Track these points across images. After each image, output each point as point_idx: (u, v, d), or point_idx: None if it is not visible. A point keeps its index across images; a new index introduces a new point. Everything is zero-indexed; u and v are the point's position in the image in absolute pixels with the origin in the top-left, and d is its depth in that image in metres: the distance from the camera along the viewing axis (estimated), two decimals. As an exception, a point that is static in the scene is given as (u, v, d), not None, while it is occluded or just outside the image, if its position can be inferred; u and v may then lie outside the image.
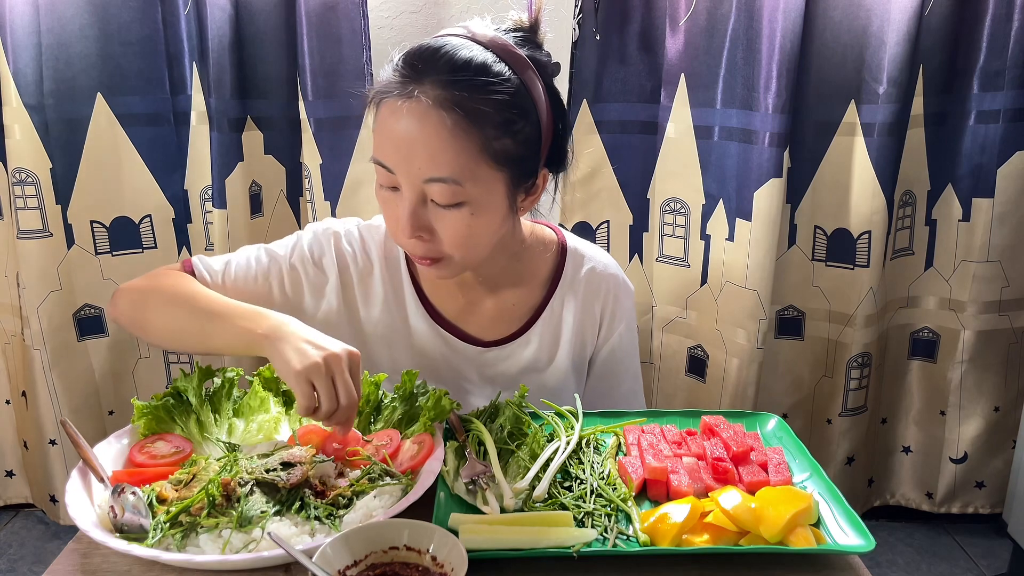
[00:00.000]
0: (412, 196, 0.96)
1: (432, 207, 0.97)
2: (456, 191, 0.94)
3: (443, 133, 0.92)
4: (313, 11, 1.71)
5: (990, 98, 1.76)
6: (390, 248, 1.15)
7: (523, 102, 0.96)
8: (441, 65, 0.93)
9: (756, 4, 1.64)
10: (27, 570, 1.93)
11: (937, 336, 1.95)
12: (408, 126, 0.93)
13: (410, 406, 0.99)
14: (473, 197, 0.95)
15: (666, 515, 0.81)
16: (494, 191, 0.98)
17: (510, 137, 0.96)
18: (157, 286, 1.05)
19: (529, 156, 1.00)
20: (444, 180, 0.94)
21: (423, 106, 0.92)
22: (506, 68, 0.95)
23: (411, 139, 0.93)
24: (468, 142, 0.93)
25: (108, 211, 1.87)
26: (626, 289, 1.22)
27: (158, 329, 1.04)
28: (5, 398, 2.05)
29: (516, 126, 0.96)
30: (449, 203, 0.95)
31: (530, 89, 0.97)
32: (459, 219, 0.96)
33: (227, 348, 0.97)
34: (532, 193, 1.05)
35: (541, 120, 0.99)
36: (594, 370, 1.23)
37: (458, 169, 0.93)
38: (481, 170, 0.95)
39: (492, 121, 0.93)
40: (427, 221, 0.97)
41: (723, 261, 1.81)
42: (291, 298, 1.11)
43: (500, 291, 1.16)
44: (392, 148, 0.95)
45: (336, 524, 0.81)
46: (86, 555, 0.82)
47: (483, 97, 0.93)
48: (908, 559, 1.97)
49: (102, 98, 1.80)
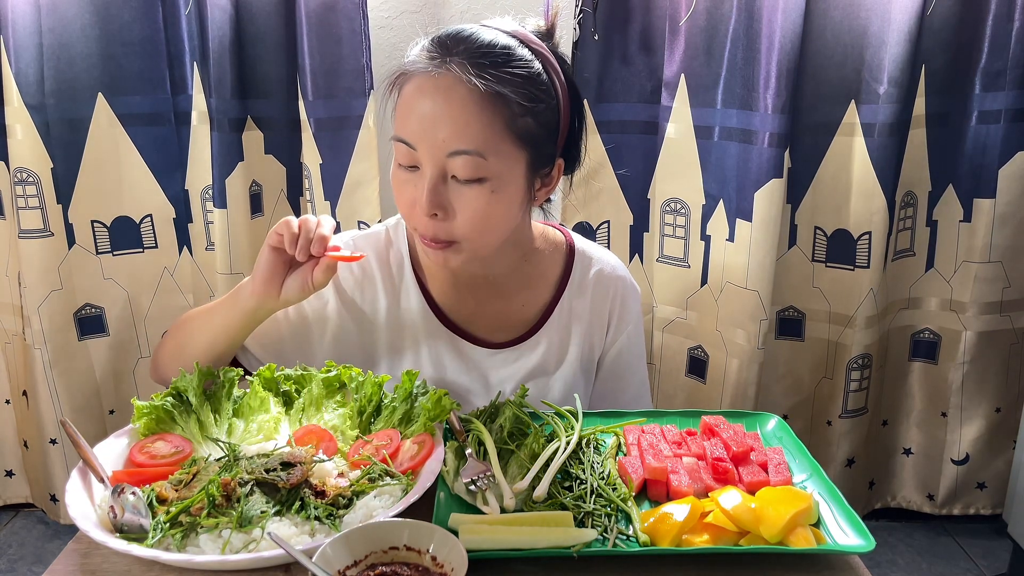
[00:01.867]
0: (434, 171, 0.96)
1: (452, 184, 0.97)
2: (479, 164, 0.95)
3: (470, 106, 0.93)
4: (313, 11, 1.71)
5: (991, 98, 1.75)
6: (393, 254, 1.15)
7: (544, 85, 0.98)
8: (469, 43, 0.96)
9: (756, 4, 1.64)
10: (27, 570, 1.93)
11: (938, 337, 1.95)
12: (435, 99, 0.94)
13: (410, 406, 0.99)
14: (495, 173, 0.96)
15: (666, 515, 0.81)
16: (514, 171, 0.98)
17: (532, 116, 0.97)
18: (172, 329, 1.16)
19: (548, 140, 1.01)
20: (469, 152, 0.94)
21: (451, 79, 0.94)
22: (528, 52, 0.98)
23: (437, 112, 0.94)
24: (495, 114, 0.94)
25: (109, 211, 1.88)
26: (633, 291, 1.22)
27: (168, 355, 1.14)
28: (5, 398, 2.05)
29: (539, 106, 0.97)
30: (471, 177, 0.95)
31: (550, 76, 0.99)
32: (479, 196, 0.96)
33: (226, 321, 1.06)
34: (547, 183, 1.05)
35: (560, 108, 1.01)
36: (601, 372, 1.22)
37: (483, 142, 0.94)
38: (504, 146, 0.96)
39: (518, 95, 0.95)
40: (445, 199, 0.97)
41: (723, 261, 1.81)
42: (296, 325, 1.13)
43: (509, 293, 1.16)
44: (416, 122, 0.96)
45: (336, 524, 0.81)
46: (86, 555, 0.81)
47: (509, 73, 0.95)
48: (908, 559, 1.97)
49: (103, 98, 1.80)
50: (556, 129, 1.02)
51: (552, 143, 1.02)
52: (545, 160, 1.03)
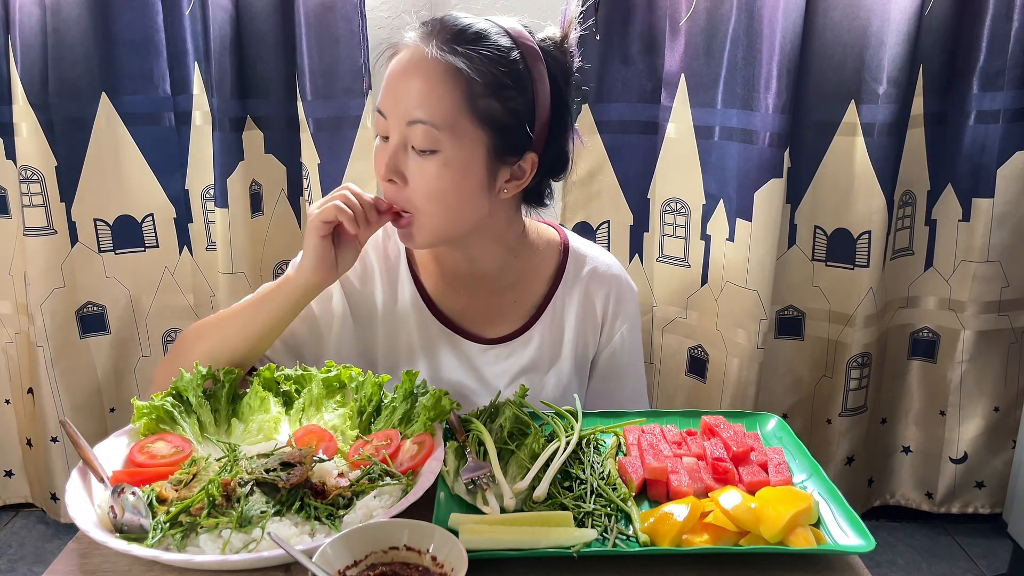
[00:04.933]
0: (396, 139, 1.00)
1: (411, 155, 1.00)
2: (433, 137, 0.98)
3: (432, 77, 0.97)
4: (311, 11, 1.71)
5: (990, 98, 1.75)
6: (390, 249, 1.16)
7: (519, 75, 1.00)
8: (447, 23, 1.01)
9: (756, 4, 1.64)
10: (27, 570, 1.93)
11: (937, 336, 1.95)
12: (404, 70, 0.99)
13: (410, 406, 0.99)
14: (448, 147, 0.98)
15: (666, 515, 0.81)
16: (472, 152, 1.00)
17: (498, 101, 0.99)
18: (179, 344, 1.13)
19: (516, 128, 1.01)
20: (424, 122, 0.97)
21: (421, 53, 0.98)
22: (509, 42, 1.00)
23: (405, 82, 0.99)
24: (455, 90, 0.97)
25: (111, 209, 1.88)
26: (629, 290, 1.21)
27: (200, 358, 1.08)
28: (6, 397, 2.05)
29: (506, 92, 0.99)
30: (424, 148, 0.98)
31: (531, 71, 1.01)
32: (431, 168, 0.99)
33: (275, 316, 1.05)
34: (517, 176, 1.05)
35: (537, 103, 1.01)
36: (596, 371, 1.22)
37: (439, 114, 0.97)
38: (461, 123, 0.98)
39: (482, 77, 0.97)
40: (402, 167, 1.01)
41: (723, 261, 1.81)
42: (306, 318, 1.14)
43: (500, 288, 1.16)
44: (389, 92, 1.01)
45: (336, 524, 0.81)
46: (86, 555, 0.82)
47: (478, 54, 0.98)
48: (908, 559, 1.98)
49: (106, 97, 1.81)
50: (529, 121, 1.02)
51: (521, 133, 1.02)
52: (511, 149, 1.02)
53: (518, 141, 1.02)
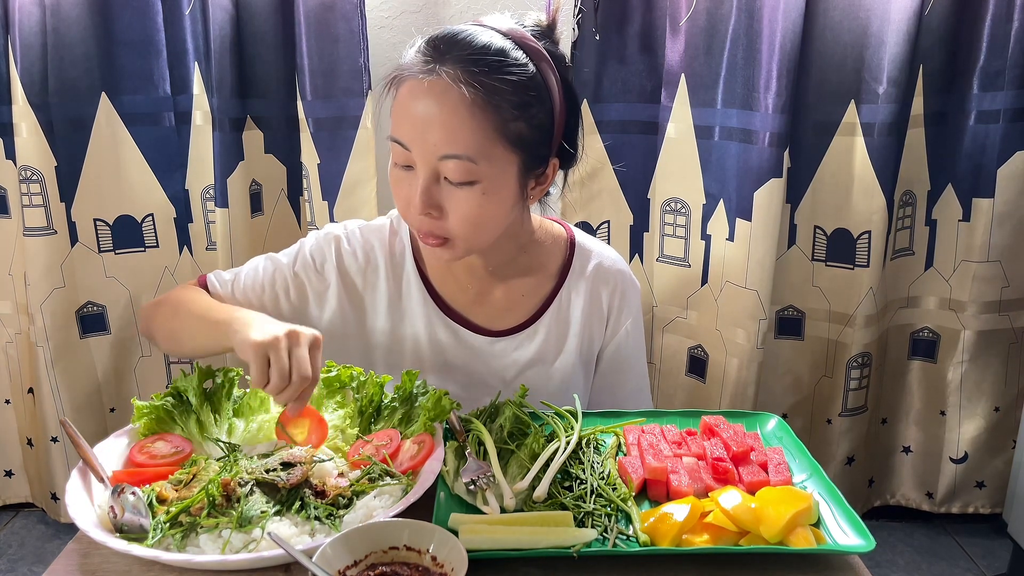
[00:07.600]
0: (426, 173, 0.97)
1: (444, 185, 0.98)
2: (470, 169, 0.96)
3: (461, 111, 0.94)
4: (311, 11, 1.71)
5: (990, 98, 1.75)
6: (395, 245, 1.17)
7: (538, 88, 0.98)
8: (463, 46, 0.96)
9: (756, 4, 1.64)
10: (27, 570, 1.93)
11: (937, 336, 1.95)
12: (427, 103, 0.95)
13: (410, 406, 0.99)
14: (486, 177, 0.97)
15: (666, 515, 0.81)
16: (507, 173, 0.99)
17: (525, 121, 0.97)
18: (167, 299, 1.12)
19: (542, 142, 1.01)
20: (459, 157, 0.95)
21: (443, 84, 0.94)
22: (523, 55, 0.98)
23: (429, 116, 0.95)
24: (485, 120, 0.95)
25: (111, 209, 1.88)
26: (633, 285, 1.22)
27: (163, 335, 1.11)
28: (6, 397, 2.05)
29: (531, 110, 0.98)
30: (462, 181, 0.96)
31: (545, 78, 0.99)
32: (470, 198, 0.97)
33: (207, 344, 1.01)
34: (542, 182, 1.06)
35: (555, 109, 1.01)
36: (601, 366, 1.23)
37: (474, 147, 0.95)
38: (496, 150, 0.96)
39: (509, 102, 0.95)
40: (438, 199, 0.98)
41: (723, 261, 1.81)
42: (297, 306, 1.14)
43: (509, 282, 1.16)
44: (410, 125, 0.97)
45: (336, 524, 0.81)
46: (86, 555, 0.82)
47: (501, 78, 0.95)
48: (908, 559, 1.98)
49: (106, 97, 1.81)
50: (550, 130, 1.02)
51: (546, 144, 1.03)
52: (539, 161, 1.03)
53: (544, 152, 1.03)
